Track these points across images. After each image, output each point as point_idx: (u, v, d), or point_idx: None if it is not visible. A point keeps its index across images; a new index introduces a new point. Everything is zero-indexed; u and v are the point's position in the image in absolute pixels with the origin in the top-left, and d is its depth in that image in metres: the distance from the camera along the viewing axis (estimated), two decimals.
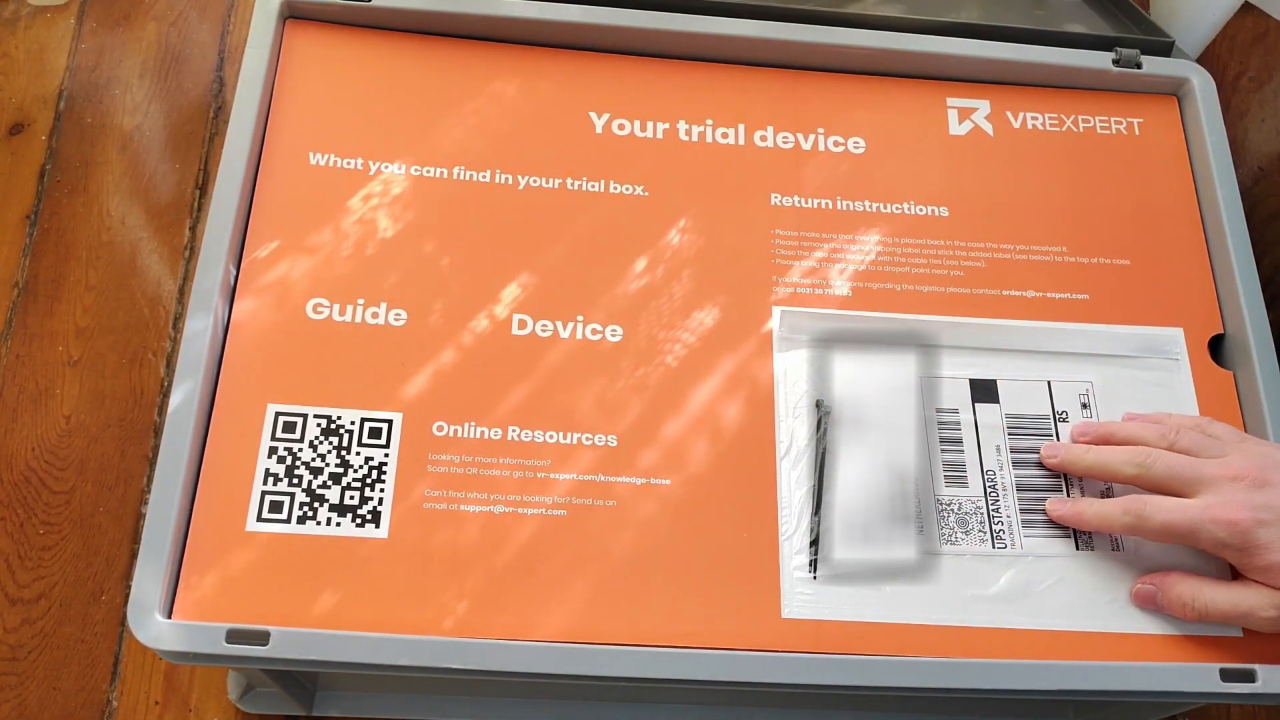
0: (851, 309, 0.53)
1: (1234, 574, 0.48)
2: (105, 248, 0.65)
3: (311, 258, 0.51)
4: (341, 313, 0.50)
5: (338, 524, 0.46)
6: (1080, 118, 0.59)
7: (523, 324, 0.51)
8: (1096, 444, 0.50)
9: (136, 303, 0.64)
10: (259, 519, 0.46)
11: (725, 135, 0.56)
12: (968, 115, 0.58)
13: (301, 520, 0.46)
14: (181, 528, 0.45)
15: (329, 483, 0.47)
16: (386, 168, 0.53)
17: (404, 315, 0.50)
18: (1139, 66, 0.59)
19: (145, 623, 0.43)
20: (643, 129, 0.56)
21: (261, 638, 0.43)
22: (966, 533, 0.49)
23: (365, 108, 0.54)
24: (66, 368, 0.62)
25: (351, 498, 0.47)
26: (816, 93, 0.58)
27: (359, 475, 0.47)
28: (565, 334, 0.51)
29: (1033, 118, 0.59)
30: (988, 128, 0.58)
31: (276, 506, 0.46)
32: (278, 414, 0.48)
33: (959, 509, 0.49)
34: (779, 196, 0.55)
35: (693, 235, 0.54)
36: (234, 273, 0.50)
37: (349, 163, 0.53)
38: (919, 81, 0.59)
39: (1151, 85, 0.60)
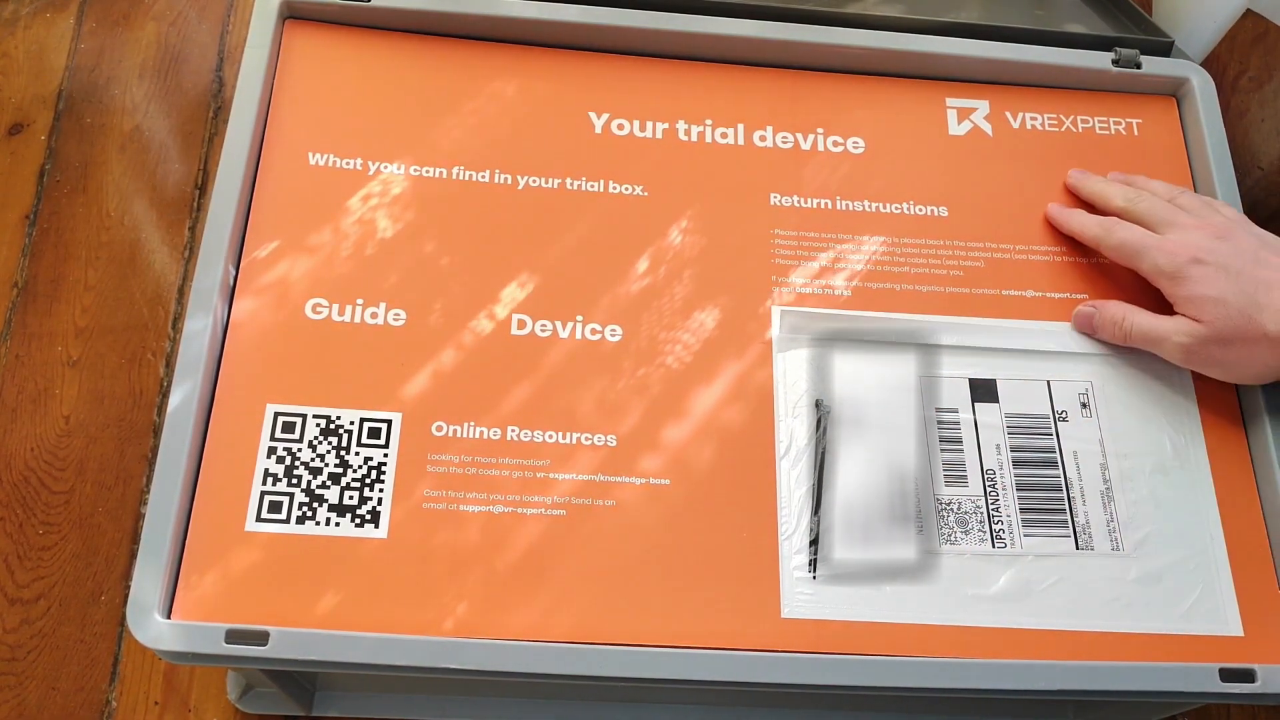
0: (851, 309, 0.53)
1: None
2: (105, 248, 0.65)
3: (311, 258, 0.51)
4: (341, 313, 0.50)
5: (337, 524, 0.46)
6: (1080, 118, 0.59)
7: (522, 324, 0.51)
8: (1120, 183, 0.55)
9: (136, 303, 0.64)
10: (258, 519, 0.46)
11: (725, 135, 0.56)
12: (967, 115, 0.58)
13: (301, 520, 0.46)
14: (181, 528, 0.45)
15: (328, 483, 0.47)
16: (386, 168, 0.53)
17: (403, 315, 0.50)
18: (1138, 67, 0.59)
19: (144, 623, 0.43)
20: (642, 129, 0.56)
21: (261, 638, 0.43)
22: (966, 532, 0.49)
23: (364, 108, 0.54)
24: (66, 368, 0.62)
25: (351, 498, 0.47)
26: (816, 93, 0.58)
27: (358, 475, 0.47)
28: (565, 334, 0.51)
29: (1032, 118, 0.59)
30: (987, 128, 0.58)
31: (276, 506, 0.46)
32: (277, 414, 0.48)
33: (959, 508, 0.49)
34: (778, 196, 0.55)
35: (692, 235, 0.54)
36: (233, 273, 0.50)
37: (348, 163, 0.53)
38: (919, 81, 0.59)
39: (1151, 85, 0.60)
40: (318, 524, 0.46)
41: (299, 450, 0.47)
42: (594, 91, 0.56)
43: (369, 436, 0.48)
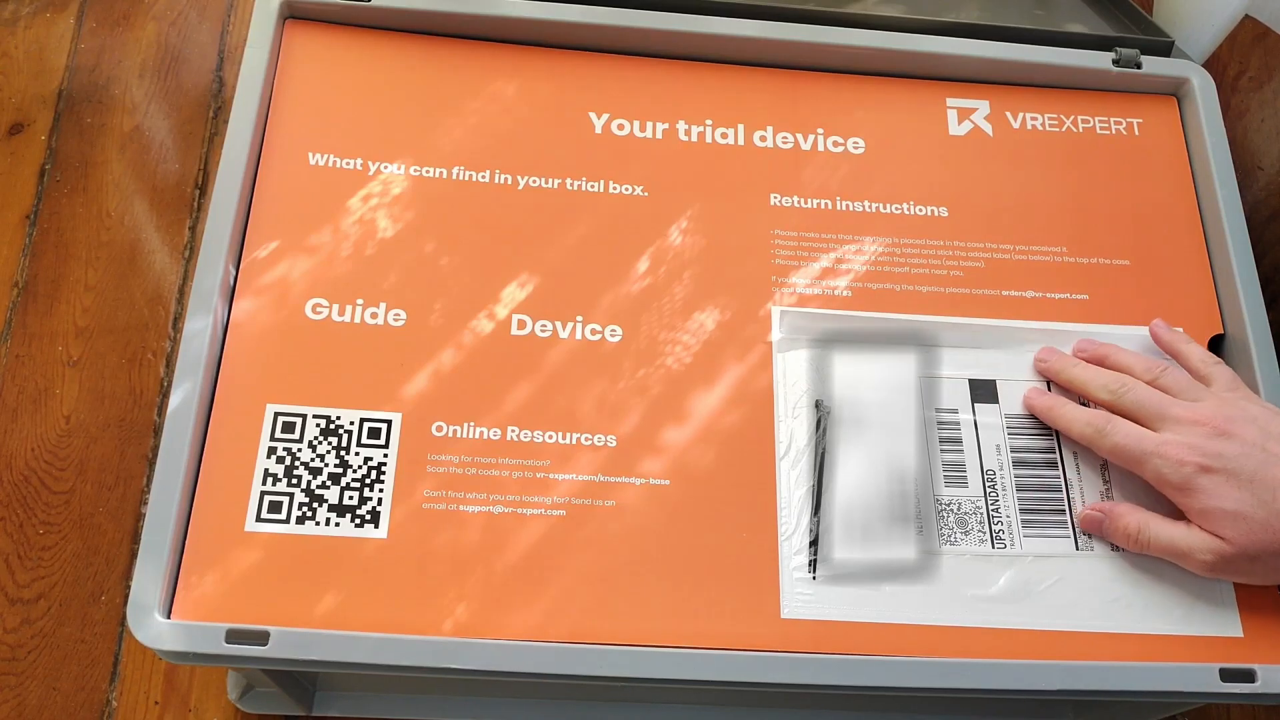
0: (851, 309, 0.53)
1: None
2: (105, 248, 0.65)
3: (311, 258, 0.51)
4: (341, 313, 0.50)
5: (337, 524, 0.46)
6: (1080, 118, 0.59)
7: (522, 324, 0.51)
8: (1091, 361, 0.51)
9: (136, 303, 0.64)
10: (258, 519, 0.46)
11: (725, 135, 0.56)
12: (967, 115, 0.58)
13: (301, 520, 0.46)
14: (181, 528, 0.45)
15: (328, 483, 0.47)
16: (386, 168, 0.53)
17: (403, 315, 0.50)
18: (1139, 66, 0.59)
19: (145, 623, 0.43)
20: (642, 129, 0.56)
21: (261, 638, 0.43)
22: (966, 533, 0.49)
23: (365, 108, 0.54)
24: (66, 368, 0.62)
25: (351, 498, 0.47)
26: (816, 93, 0.58)
27: (358, 475, 0.47)
28: (565, 334, 0.51)
29: (1032, 118, 0.59)
30: (987, 128, 0.58)
31: (276, 507, 0.46)
32: (277, 414, 0.48)
33: (958, 509, 0.49)
34: (779, 197, 0.55)
35: (692, 236, 0.54)
36: (233, 273, 0.50)
37: (348, 163, 0.53)
38: (919, 81, 0.59)
39: (1151, 85, 0.60)
40: (318, 524, 0.46)
41: (299, 450, 0.47)
42: (594, 91, 0.56)
43: (369, 437, 0.48)
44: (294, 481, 0.47)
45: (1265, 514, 0.45)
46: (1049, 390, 0.52)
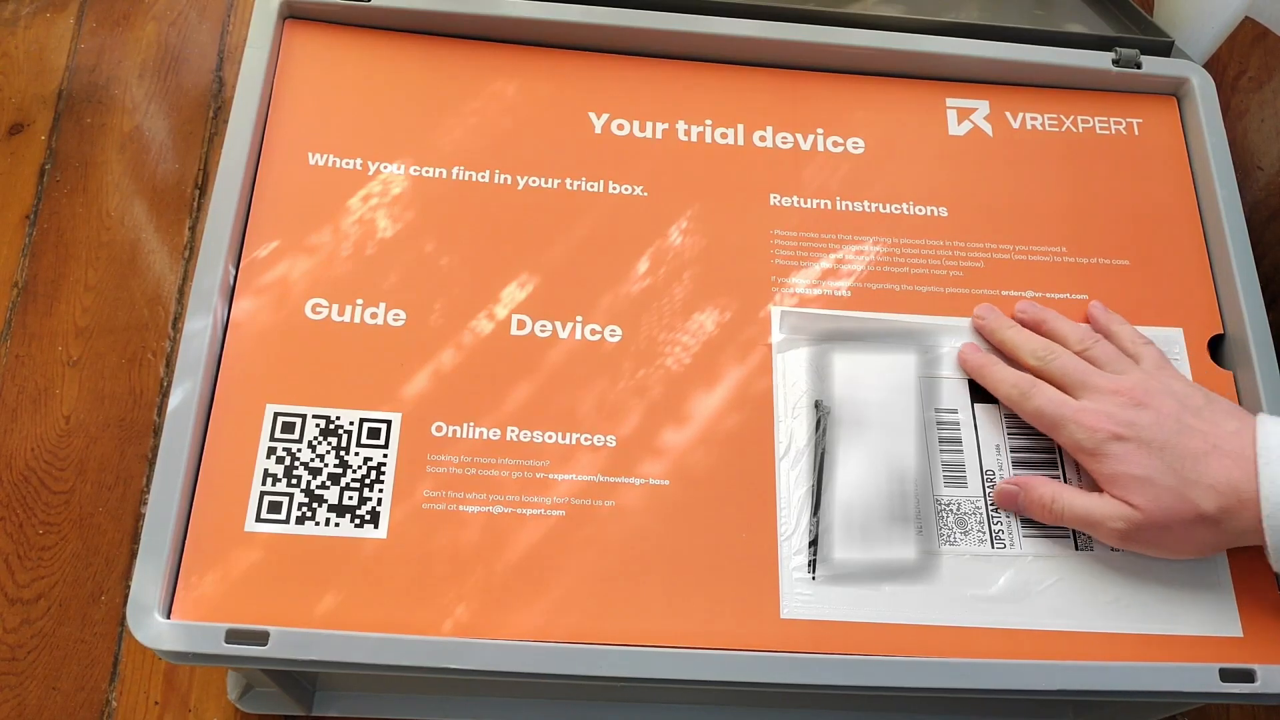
0: (851, 309, 0.53)
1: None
2: (105, 248, 0.65)
3: (311, 258, 0.51)
4: (340, 313, 0.50)
5: (336, 524, 0.46)
6: (1080, 118, 0.59)
7: (522, 324, 0.51)
8: (1027, 325, 0.52)
9: (136, 303, 0.64)
10: (258, 519, 0.46)
11: (725, 135, 0.56)
12: (967, 115, 0.58)
13: (300, 521, 0.46)
14: (181, 528, 0.45)
15: (328, 483, 0.47)
16: (386, 168, 0.53)
17: (403, 315, 0.50)
18: (1139, 66, 0.59)
19: (144, 623, 0.43)
20: (642, 129, 0.56)
21: (261, 638, 0.43)
22: (965, 533, 0.49)
23: (364, 108, 0.54)
24: (66, 368, 0.62)
25: (350, 498, 0.47)
26: (816, 93, 0.58)
27: (358, 476, 0.47)
28: (564, 334, 0.51)
29: (1032, 118, 0.59)
30: (987, 128, 0.58)
31: (275, 507, 0.46)
32: (276, 414, 0.48)
33: (958, 509, 0.49)
34: (778, 197, 0.55)
35: (692, 236, 0.54)
36: (233, 273, 0.50)
37: (348, 163, 0.53)
38: (918, 82, 0.59)
39: (1151, 85, 0.60)
40: (317, 524, 0.46)
41: (299, 450, 0.47)
42: (594, 91, 0.56)
43: (369, 437, 0.48)
44: (294, 482, 0.47)
45: (1175, 481, 0.45)
46: (982, 350, 0.52)
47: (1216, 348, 0.54)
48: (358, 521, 0.46)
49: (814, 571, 0.47)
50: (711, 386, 0.50)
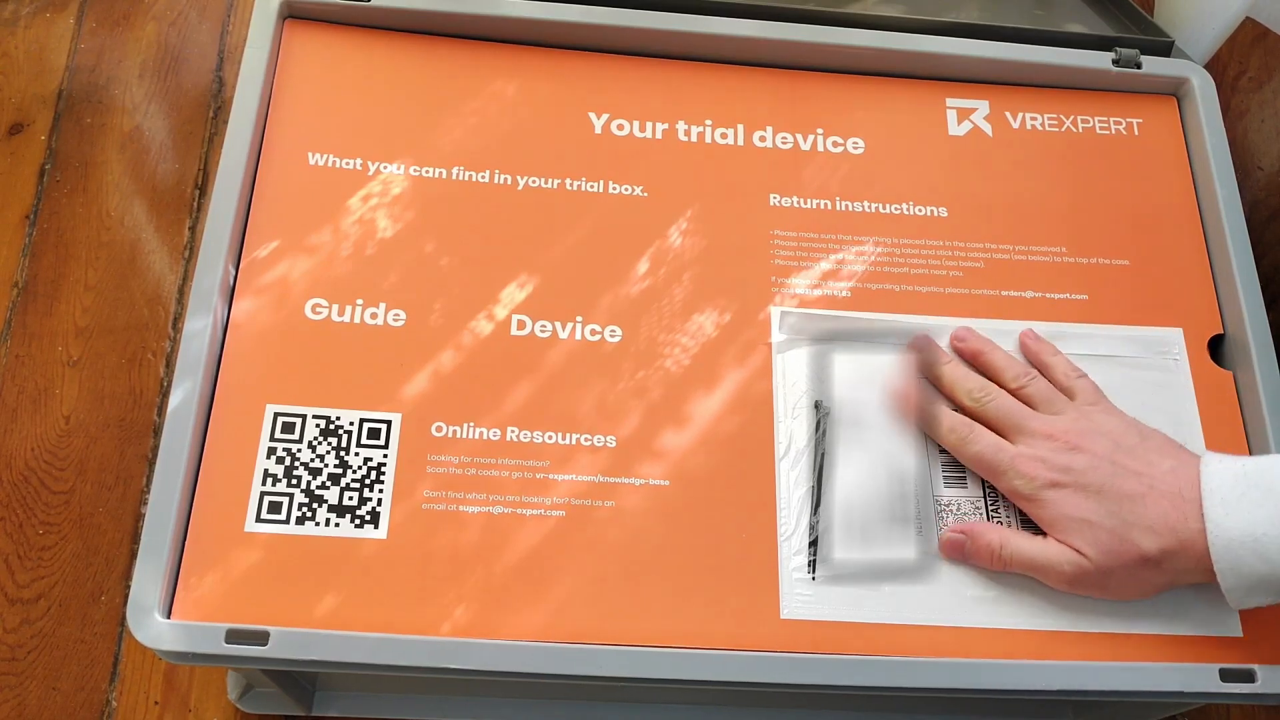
0: (851, 309, 0.53)
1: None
2: (105, 248, 0.65)
3: (310, 258, 0.51)
4: (340, 313, 0.50)
5: (336, 525, 0.46)
6: (1080, 118, 0.59)
7: (522, 324, 0.51)
8: (965, 355, 0.52)
9: (136, 303, 0.64)
10: (258, 519, 0.46)
11: (725, 135, 0.56)
12: (967, 115, 0.58)
13: (300, 521, 0.46)
14: (181, 528, 0.45)
15: (328, 483, 0.47)
16: (386, 168, 0.53)
17: (403, 315, 0.50)
18: (1138, 66, 0.59)
19: (144, 623, 0.43)
20: (642, 129, 0.56)
21: (261, 638, 0.43)
22: None
23: (365, 108, 0.54)
24: (66, 368, 0.62)
25: (350, 498, 0.47)
26: (816, 93, 0.58)
27: (358, 476, 0.47)
28: (564, 335, 0.51)
29: (1032, 118, 0.59)
30: (987, 128, 0.58)
31: (275, 507, 0.46)
32: (277, 414, 0.48)
33: (958, 509, 0.49)
34: (778, 197, 0.55)
35: (692, 236, 0.54)
36: (233, 273, 0.50)
37: (348, 163, 0.53)
38: (918, 81, 0.59)
39: (1151, 85, 0.60)
40: (317, 524, 0.46)
41: (299, 451, 0.47)
42: (594, 92, 0.56)
43: (369, 437, 0.48)
44: (294, 482, 0.47)
45: (1115, 524, 0.45)
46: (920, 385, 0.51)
47: (1216, 348, 0.54)
48: (358, 522, 0.46)
49: (814, 572, 0.47)
50: (711, 387, 0.50)
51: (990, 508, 0.49)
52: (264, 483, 0.47)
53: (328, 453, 0.47)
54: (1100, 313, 0.54)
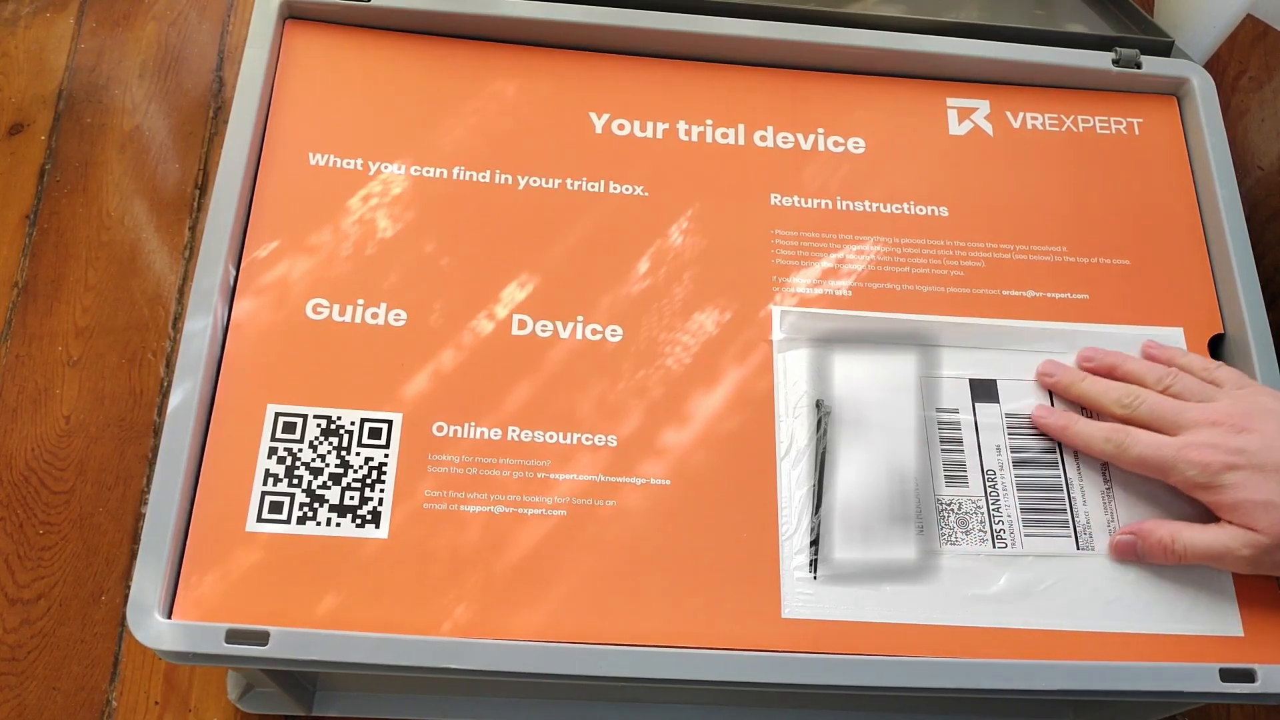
0: (851, 309, 0.53)
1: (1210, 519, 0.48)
2: (105, 248, 0.65)
3: (311, 258, 0.51)
4: (341, 313, 0.50)
5: (338, 524, 0.46)
6: (1080, 118, 0.59)
7: (523, 324, 0.51)
8: (1099, 373, 0.51)
9: (136, 303, 0.64)
10: (259, 519, 0.46)
11: (725, 135, 0.56)
12: (967, 115, 0.58)
13: (301, 521, 0.46)
14: (181, 528, 0.45)
15: (329, 483, 0.47)
16: (386, 168, 0.53)
17: (404, 315, 0.50)
18: (1139, 66, 0.59)
19: (145, 623, 0.43)
20: (643, 129, 0.56)
21: (261, 638, 0.43)
22: (967, 533, 0.49)
23: (365, 108, 0.54)
24: (66, 368, 0.62)
25: (351, 498, 0.47)
26: (816, 93, 0.58)
27: (359, 476, 0.47)
28: (565, 334, 0.51)
29: (1032, 118, 0.59)
30: (987, 128, 0.58)
31: (276, 507, 0.46)
32: (278, 414, 0.48)
33: (959, 509, 0.49)
34: (779, 197, 0.55)
35: (692, 236, 0.54)
36: (234, 273, 0.50)
37: (349, 163, 0.53)
38: (919, 81, 0.59)
39: (1151, 85, 0.60)
40: (318, 524, 0.46)
41: (300, 450, 0.47)
42: (594, 91, 0.56)
43: (370, 437, 0.48)
44: (295, 482, 0.47)
45: None
46: (1052, 404, 0.52)
47: (1216, 348, 0.54)
48: (359, 521, 0.46)
49: (815, 571, 0.47)
50: (712, 386, 0.50)
51: (991, 507, 0.49)
52: (265, 482, 0.47)
53: (329, 452, 0.47)
54: (1101, 312, 0.54)
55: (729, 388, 0.50)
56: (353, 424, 0.48)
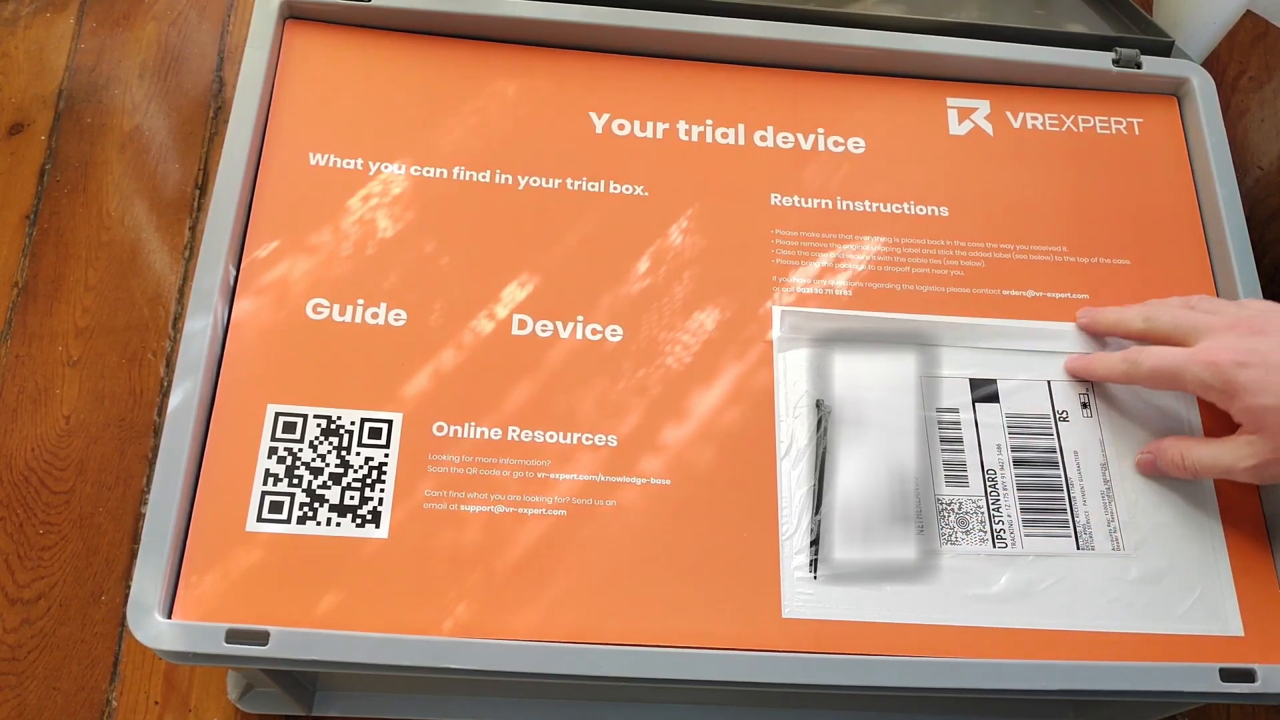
0: (851, 309, 0.53)
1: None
2: (105, 248, 0.65)
3: (311, 258, 0.51)
4: (341, 313, 0.50)
5: (338, 524, 0.46)
6: (1080, 118, 0.59)
7: (523, 324, 0.51)
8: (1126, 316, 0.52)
9: (136, 303, 0.64)
10: (259, 519, 0.46)
11: (725, 135, 0.56)
12: (968, 115, 0.58)
13: (301, 520, 0.46)
14: (181, 528, 0.45)
15: (329, 483, 0.47)
16: (386, 168, 0.53)
17: (404, 315, 0.50)
18: (1139, 66, 0.59)
19: (145, 623, 0.43)
20: (643, 129, 0.56)
21: (261, 638, 0.43)
22: (967, 532, 0.49)
23: (365, 108, 0.54)
24: (66, 368, 0.62)
25: (352, 498, 0.47)
26: (816, 93, 0.58)
27: (359, 475, 0.47)
28: (565, 334, 0.51)
29: (1033, 118, 0.59)
30: (988, 128, 0.58)
31: (276, 507, 0.46)
32: (278, 414, 0.48)
33: (959, 508, 0.49)
34: (779, 196, 0.55)
35: (693, 235, 0.54)
36: (234, 273, 0.50)
37: (349, 163, 0.53)
38: (919, 81, 0.59)
39: (1151, 85, 0.60)
40: (318, 524, 0.46)
41: (300, 450, 0.47)
42: (594, 91, 0.56)
43: (370, 437, 0.48)
44: (295, 481, 0.47)
45: None
46: (1081, 354, 0.52)
47: None
48: (359, 521, 0.46)
49: (815, 571, 0.47)
50: (712, 386, 0.50)
51: (991, 507, 0.49)
52: (265, 482, 0.47)
53: (329, 452, 0.47)
54: None
55: (729, 387, 0.50)
56: (353, 424, 0.48)
